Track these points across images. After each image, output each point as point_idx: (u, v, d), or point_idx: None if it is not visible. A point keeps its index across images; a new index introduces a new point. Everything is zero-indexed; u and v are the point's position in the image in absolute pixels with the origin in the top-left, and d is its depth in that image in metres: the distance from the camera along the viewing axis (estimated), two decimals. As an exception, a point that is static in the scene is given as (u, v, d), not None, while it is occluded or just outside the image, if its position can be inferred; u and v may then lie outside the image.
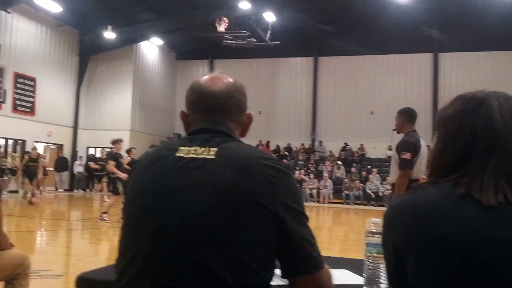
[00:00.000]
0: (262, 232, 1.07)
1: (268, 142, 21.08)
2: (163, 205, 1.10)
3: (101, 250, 6.85)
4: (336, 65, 22.04)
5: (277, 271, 1.14)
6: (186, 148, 1.17)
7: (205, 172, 1.11)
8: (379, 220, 1.37)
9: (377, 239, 1.35)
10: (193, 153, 1.15)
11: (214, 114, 1.23)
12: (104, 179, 14.27)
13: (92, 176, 17.86)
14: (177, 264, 1.04)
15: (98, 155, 18.99)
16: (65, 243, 7.22)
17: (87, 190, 19.19)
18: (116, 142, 9.29)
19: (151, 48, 22.21)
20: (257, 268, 1.05)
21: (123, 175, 8.77)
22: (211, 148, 1.15)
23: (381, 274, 1.36)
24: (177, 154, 1.16)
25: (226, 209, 1.06)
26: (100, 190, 15.52)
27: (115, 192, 9.22)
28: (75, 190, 18.86)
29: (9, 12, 15.63)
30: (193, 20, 18.23)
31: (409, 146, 4.29)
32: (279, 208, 1.08)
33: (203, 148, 1.15)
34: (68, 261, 5.82)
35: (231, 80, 1.29)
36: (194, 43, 22.14)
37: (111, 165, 9.30)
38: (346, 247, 7.40)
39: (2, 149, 15.54)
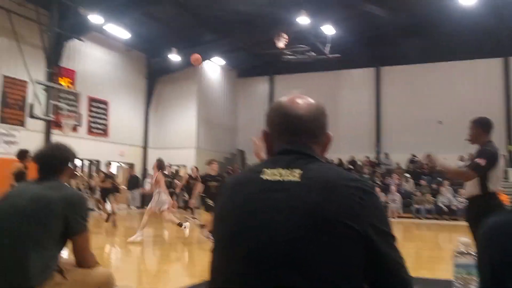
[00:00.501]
0: (350, 255, 1.07)
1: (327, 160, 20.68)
2: (252, 228, 1.12)
3: (175, 266, 7.03)
4: (400, 74, 21.45)
5: None
6: (270, 170, 1.18)
7: (291, 194, 1.12)
8: (467, 240, 1.32)
9: (467, 260, 1.29)
10: (277, 176, 1.16)
11: (300, 136, 1.25)
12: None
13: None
14: (270, 285, 1.06)
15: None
16: (138, 259, 7.49)
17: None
18: (210, 163, 9.25)
19: (214, 68, 22.83)
20: None
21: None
22: (295, 170, 1.16)
23: (472, 296, 1.30)
24: (262, 177, 1.18)
25: (313, 232, 1.07)
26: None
27: (208, 209, 8.95)
28: (145, 207, 19.55)
29: (83, 41, 16.70)
30: (252, 39, 18.56)
31: (488, 154, 4.07)
32: (367, 230, 1.08)
33: (287, 170, 1.16)
34: (144, 277, 6.03)
35: (314, 102, 1.31)
36: (254, 61, 22.49)
37: (199, 186, 9.62)
38: (420, 264, 7.09)
39: (80, 170, 16.50)
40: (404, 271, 1.11)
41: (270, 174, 1.17)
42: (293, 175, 1.15)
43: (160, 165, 9.43)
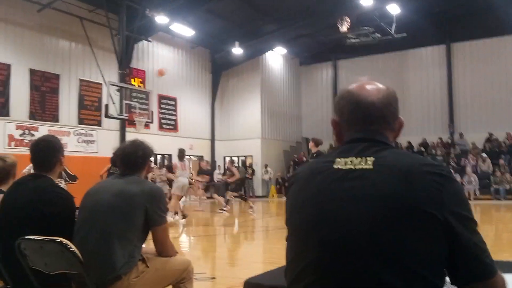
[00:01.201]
0: (430, 240, 1.06)
1: (396, 144, 19.93)
2: (327, 217, 1.13)
3: (247, 253, 7.20)
4: (472, 50, 20.24)
5: (447, 279, 1.12)
6: (342, 159, 1.18)
7: (365, 182, 1.11)
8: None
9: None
10: (350, 164, 1.16)
11: (372, 124, 1.23)
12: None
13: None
14: (349, 274, 1.07)
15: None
16: (211, 248, 7.74)
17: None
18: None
19: (276, 58, 22.84)
20: (427, 276, 1.05)
21: None
22: (368, 158, 1.15)
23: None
24: (335, 166, 1.18)
25: (391, 219, 1.06)
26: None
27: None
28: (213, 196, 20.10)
29: (150, 41, 17.39)
30: (314, 25, 18.30)
31: None
32: (448, 216, 1.07)
33: (359, 159, 1.16)
34: (218, 265, 6.25)
35: (384, 87, 1.27)
36: (316, 47, 22.21)
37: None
38: (500, 247, 6.75)
39: (154, 164, 17.27)
40: (485, 255, 1.09)
41: (343, 163, 1.17)
42: (366, 163, 1.14)
43: (179, 154, 11.05)
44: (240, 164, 20.95)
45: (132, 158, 2.58)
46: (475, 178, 16.35)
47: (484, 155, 17.75)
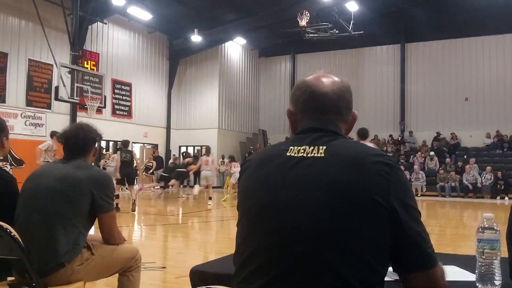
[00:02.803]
0: (377, 228, 1.08)
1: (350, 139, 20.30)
2: (278, 203, 1.14)
3: (199, 243, 7.16)
4: (425, 51, 20.96)
5: (389, 268, 1.14)
6: (296, 147, 1.20)
7: (316, 169, 1.13)
8: (491, 215, 1.30)
9: (490, 235, 1.29)
10: (302, 152, 1.18)
11: (325, 114, 1.25)
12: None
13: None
14: (297, 258, 1.08)
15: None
16: (164, 237, 7.65)
17: (181, 186, 20.14)
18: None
19: (235, 48, 22.74)
20: (373, 264, 1.07)
21: None
22: (320, 147, 1.17)
23: (496, 270, 1.29)
24: (288, 154, 1.19)
25: (340, 206, 1.08)
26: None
27: None
28: (170, 187, 19.87)
29: (105, 23, 16.84)
30: (275, 17, 18.32)
31: None
32: (393, 204, 1.08)
33: (312, 147, 1.18)
34: (168, 254, 6.18)
35: (339, 80, 1.30)
36: (276, 40, 22.26)
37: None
38: (444, 242, 7.06)
39: (105, 151, 16.84)
40: (428, 245, 1.11)
41: (296, 151, 1.19)
42: (318, 151, 1.16)
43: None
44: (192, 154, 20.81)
45: (73, 140, 2.48)
46: (423, 175, 16.99)
47: (431, 153, 18.48)
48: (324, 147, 1.16)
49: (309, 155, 1.16)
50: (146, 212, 11.37)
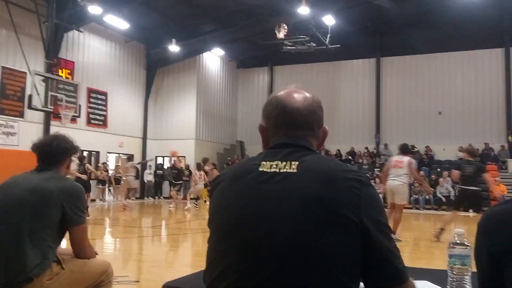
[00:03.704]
0: (349, 245, 1.08)
1: (326, 151, 20.48)
2: (250, 218, 1.13)
3: (173, 257, 7.07)
4: (400, 65, 21.40)
5: (361, 284, 1.13)
6: (268, 162, 1.19)
7: (289, 184, 1.13)
8: (462, 231, 1.32)
9: (461, 250, 1.30)
10: (275, 168, 1.17)
11: (297, 129, 1.25)
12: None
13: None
14: (268, 275, 1.07)
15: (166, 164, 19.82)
16: (138, 250, 7.52)
17: (156, 197, 19.93)
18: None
19: (213, 59, 22.75)
20: (345, 280, 1.06)
21: None
22: (293, 162, 1.17)
23: (467, 286, 1.31)
24: (260, 169, 1.19)
25: (312, 221, 1.07)
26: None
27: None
28: (146, 198, 19.65)
29: (81, 31, 16.63)
30: (252, 29, 18.45)
31: None
32: (364, 220, 1.09)
33: (284, 162, 1.17)
34: (142, 267, 6.07)
35: (310, 95, 1.31)
36: (254, 51, 22.41)
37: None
38: (418, 254, 7.14)
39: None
40: (399, 261, 1.12)
41: (268, 166, 1.18)
42: (291, 167, 1.16)
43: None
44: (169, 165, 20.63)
45: (46, 149, 2.42)
46: (397, 187, 17.19)
47: (406, 165, 18.73)
48: (297, 163, 1.17)
49: (281, 170, 1.16)
50: (120, 224, 11.17)
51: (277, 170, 1.17)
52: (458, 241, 1.32)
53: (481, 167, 8.22)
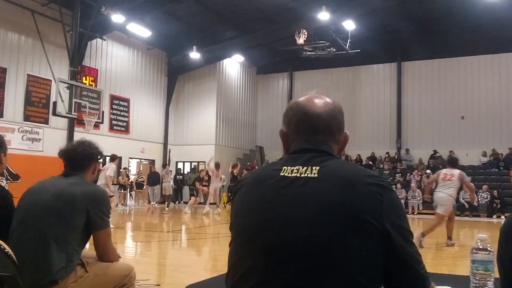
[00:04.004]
0: (370, 249, 1.08)
1: (346, 156, 20.25)
2: (271, 223, 1.15)
3: (194, 261, 7.10)
4: (421, 69, 21.15)
5: None
6: (289, 167, 1.21)
7: (310, 189, 1.14)
8: (485, 236, 1.31)
9: (484, 256, 1.29)
10: (296, 173, 1.19)
11: (318, 135, 1.26)
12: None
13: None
14: (289, 279, 1.08)
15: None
16: (159, 254, 7.58)
17: (177, 202, 20.08)
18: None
19: (233, 65, 22.89)
20: (365, 284, 1.07)
21: None
22: (314, 167, 1.18)
23: (489, 292, 1.29)
24: (281, 174, 1.20)
25: (333, 225, 1.08)
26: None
27: None
28: (166, 203, 19.78)
29: (105, 39, 16.96)
30: (272, 35, 18.50)
31: None
32: (386, 225, 1.09)
33: (305, 167, 1.19)
34: (163, 271, 6.12)
35: (331, 101, 1.32)
36: (274, 57, 22.46)
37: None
38: (440, 260, 7.02)
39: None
40: (420, 266, 1.11)
41: (289, 171, 1.20)
42: (312, 172, 1.17)
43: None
44: (189, 170, 20.77)
45: (71, 155, 2.48)
46: (419, 193, 16.96)
47: (428, 171, 18.48)
48: (318, 168, 1.17)
49: (302, 175, 1.17)
50: (141, 228, 11.29)
51: (298, 175, 1.18)
52: (481, 247, 1.30)
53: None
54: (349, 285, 1.05)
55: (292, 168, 1.20)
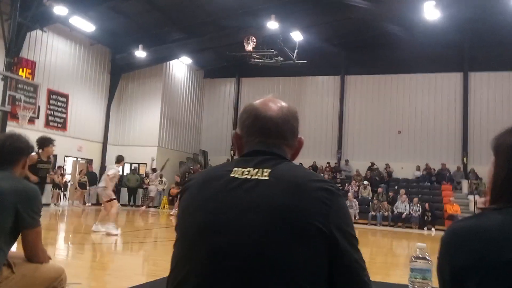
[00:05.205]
0: (315, 254, 1.07)
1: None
2: (218, 225, 1.12)
3: (128, 265, 6.88)
4: (363, 83, 21.93)
5: None
6: (240, 169, 1.19)
7: (258, 192, 1.12)
8: (424, 245, 1.34)
9: (423, 265, 1.32)
10: (247, 174, 1.17)
11: (270, 137, 1.25)
12: None
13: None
14: (233, 283, 1.05)
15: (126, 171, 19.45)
16: (91, 257, 7.29)
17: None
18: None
19: (180, 67, 22.61)
20: None
21: None
22: (265, 170, 1.16)
23: (426, 300, 1.32)
24: (232, 175, 1.18)
25: (279, 230, 1.07)
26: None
27: None
28: (103, 205, 19.11)
29: (45, 31, 16.19)
30: (221, 40, 18.51)
31: None
32: (332, 230, 1.09)
33: (257, 169, 1.17)
34: (96, 275, 5.88)
35: (285, 105, 1.32)
36: (221, 62, 22.44)
37: None
38: (374, 269, 7.24)
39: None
40: (364, 273, 1.13)
41: (240, 173, 1.18)
42: (262, 174, 1.16)
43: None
44: (128, 172, 20.25)
45: (1, 151, 2.32)
46: (356, 203, 17.50)
47: (365, 182, 19.14)
48: (269, 170, 1.16)
49: (253, 177, 1.16)
50: (73, 230, 10.82)
51: (249, 177, 1.16)
52: (420, 255, 1.34)
53: None
54: None
55: (243, 169, 1.18)
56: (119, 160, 9.81)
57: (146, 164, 20.58)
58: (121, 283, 4.91)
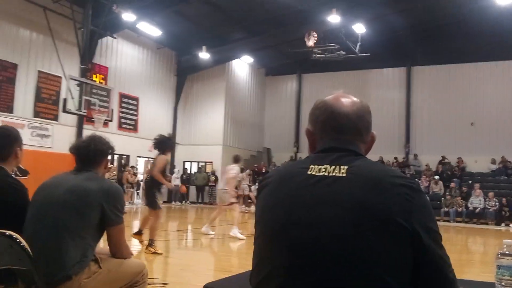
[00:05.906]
0: (398, 250, 1.07)
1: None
2: (298, 220, 1.13)
3: (201, 260, 7.09)
4: (432, 75, 21.03)
5: None
6: (316, 166, 1.19)
7: (337, 189, 1.12)
8: (511, 242, 1.29)
9: (510, 262, 1.27)
10: (324, 172, 1.17)
11: (345, 134, 1.25)
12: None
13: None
14: (316, 279, 1.07)
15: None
16: (165, 253, 7.57)
17: (183, 202, 20.11)
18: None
19: (242, 66, 22.90)
20: (394, 285, 1.05)
21: None
22: (342, 166, 1.16)
23: (515, 298, 1.27)
24: (309, 172, 1.19)
25: (361, 226, 1.07)
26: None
27: None
28: (173, 202, 19.85)
29: (115, 38, 17.03)
30: (282, 37, 18.50)
31: None
32: (416, 226, 1.08)
33: (333, 166, 1.17)
34: (170, 270, 6.11)
35: (358, 100, 1.31)
36: (283, 59, 22.44)
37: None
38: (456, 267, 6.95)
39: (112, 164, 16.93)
40: (449, 269, 1.11)
41: (317, 170, 1.18)
42: (340, 171, 1.16)
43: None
44: (196, 170, 20.79)
45: (83, 152, 2.48)
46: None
47: (436, 177, 18.37)
48: (346, 167, 1.16)
49: (330, 174, 1.16)
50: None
51: (326, 174, 1.16)
52: (507, 252, 1.28)
53: None
54: (379, 286, 1.04)
55: (320, 167, 1.18)
56: (237, 159, 9.19)
57: (212, 162, 21.05)
58: (194, 278, 5.08)
